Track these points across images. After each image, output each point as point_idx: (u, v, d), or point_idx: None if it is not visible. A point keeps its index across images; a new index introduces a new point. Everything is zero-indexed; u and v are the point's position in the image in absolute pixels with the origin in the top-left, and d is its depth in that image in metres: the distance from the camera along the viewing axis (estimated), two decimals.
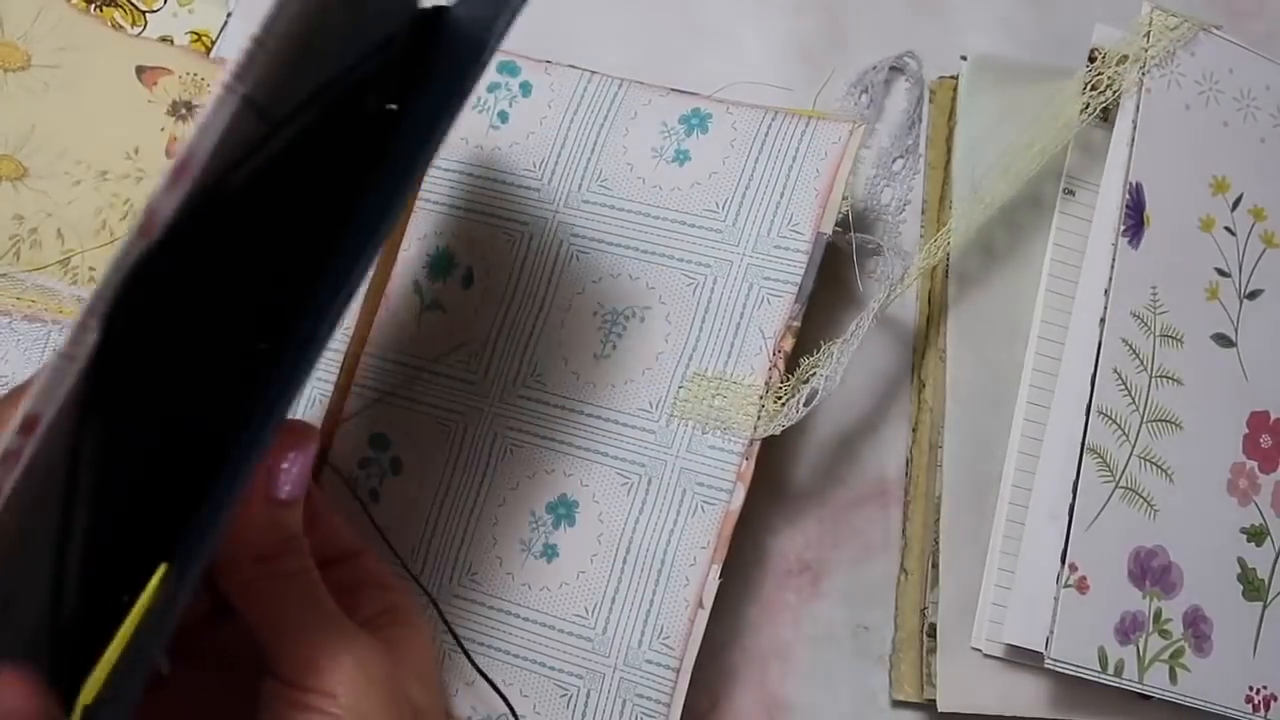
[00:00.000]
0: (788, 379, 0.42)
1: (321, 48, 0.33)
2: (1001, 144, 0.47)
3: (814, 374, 0.41)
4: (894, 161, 0.51)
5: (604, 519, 0.42)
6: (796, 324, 0.42)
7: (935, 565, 0.45)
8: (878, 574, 0.48)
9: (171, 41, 0.51)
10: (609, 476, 0.42)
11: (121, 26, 0.50)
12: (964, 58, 0.50)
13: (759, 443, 0.41)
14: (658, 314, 0.43)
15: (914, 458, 0.48)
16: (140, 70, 0.50)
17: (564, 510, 0.42)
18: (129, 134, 0.49)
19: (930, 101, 0.52)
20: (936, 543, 0.45)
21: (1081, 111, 0.47)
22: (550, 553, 0.42)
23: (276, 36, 0.30)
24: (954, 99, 0.50)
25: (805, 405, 0.41)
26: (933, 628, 0.45)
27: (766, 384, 0.42)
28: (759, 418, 0.41)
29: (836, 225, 0.43)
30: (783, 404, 0.41)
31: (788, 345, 0.42)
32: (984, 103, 0.49)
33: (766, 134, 0.45)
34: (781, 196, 0.44)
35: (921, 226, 0.51)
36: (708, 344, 0.43)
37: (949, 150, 0.50)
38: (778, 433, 0.41)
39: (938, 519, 0.45)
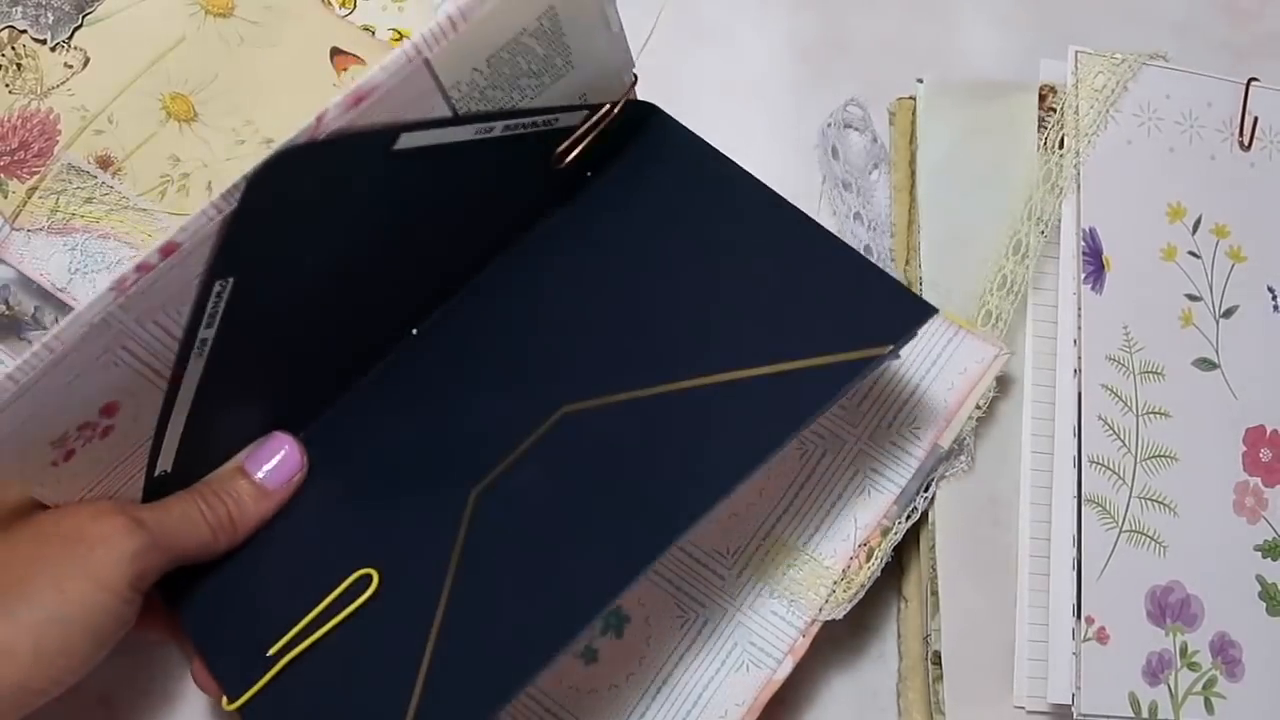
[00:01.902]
0: (864, 569, 0.42)
1: (516, 66, 0.35)
2: (964, 162, 0.47)
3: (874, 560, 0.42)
4: (871, 171, 0.51)
5: (652, 643, 0.42)
6: (888, 525, 0.42)
7: (934, 592, 0.45)
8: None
9: (373, 33, 0.49)
10: (667, 605, 0.42)
11: (331, 4, 0.49)
12: (920, 80, 0.50)
13: (820, 624, 0.41)
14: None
15: None
16: (335, 52, 0.48)
17: (614, 620, 0.42)
18: (305, 109, 0.44)
19: (890, 124, 0.52)
20: (934, 569, 0.45)
21: (1043, 163, 0.47)
22: (589, 655, 0.42)
23: (471, 24, 0.32)
24: (914, 121, 0.50)
25: (864, 588, 0.41)
26: (937, 655, 0.44)
27: (844, 571, 0.41)
28: (827, 601, 0.41)
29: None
30: (852, 593, 0.41)
31: (875, 542, 0.42)
32: (943, 123, 0.49)
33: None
34: (912, 396, 0.43)
35: (892, 249, 0.50)
36: (800, 513, 0.42)
37: (913, 173, 0.49)
38: (839, 617, 0.41)
39: (933, 545, 0.45)
